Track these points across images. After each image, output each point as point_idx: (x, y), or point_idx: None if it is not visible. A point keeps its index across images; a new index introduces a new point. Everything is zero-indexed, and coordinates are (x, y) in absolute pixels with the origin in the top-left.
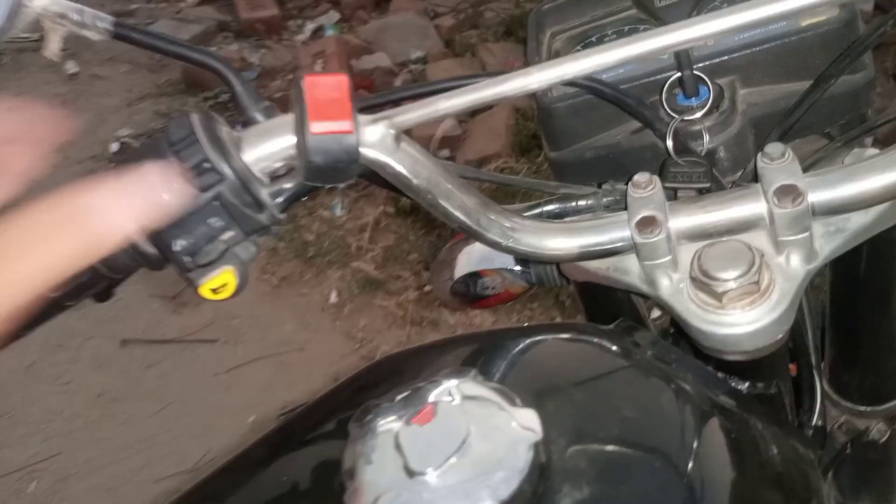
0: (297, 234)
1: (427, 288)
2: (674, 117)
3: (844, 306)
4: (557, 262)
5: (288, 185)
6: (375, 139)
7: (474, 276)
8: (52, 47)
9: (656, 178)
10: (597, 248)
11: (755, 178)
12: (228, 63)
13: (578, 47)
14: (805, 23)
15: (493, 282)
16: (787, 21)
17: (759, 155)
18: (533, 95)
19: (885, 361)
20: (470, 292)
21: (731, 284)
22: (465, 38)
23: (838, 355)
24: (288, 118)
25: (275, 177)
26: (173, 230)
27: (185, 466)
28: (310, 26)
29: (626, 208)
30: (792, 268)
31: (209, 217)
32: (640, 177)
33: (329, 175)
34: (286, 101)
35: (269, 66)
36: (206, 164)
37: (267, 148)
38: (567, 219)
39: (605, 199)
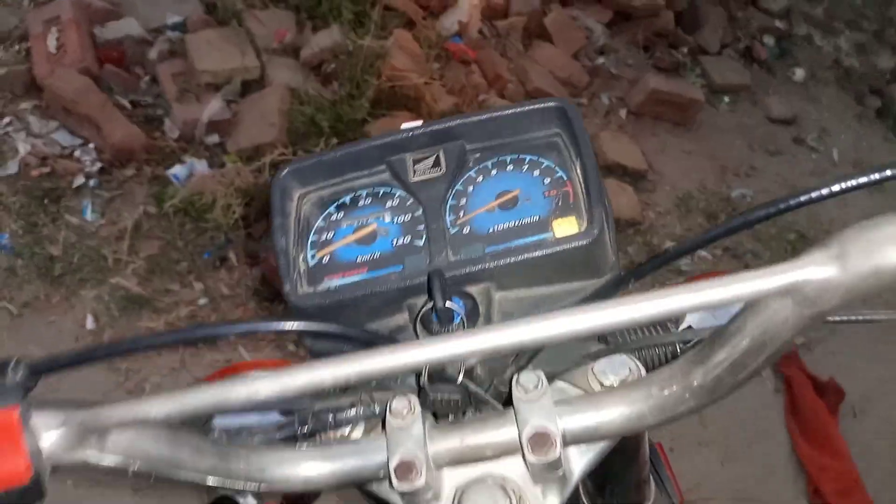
0: (40, 248)
1: (201, 301)
2: None
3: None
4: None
5: None
6: (62, 450)
7: None
8: None
9: (415, 404)
10: (354, 475)
11: (510, 397)
12: None
13: (331, 208)
14: (560, 235)
15: None
16: (541, 234)
17: (514, 382)
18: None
19: (626, 477)
20: None
21: None
22: (228, 2)
23: (591, 478)
24: None
25: None
26: None
27: None
28: None
29: (383, 427)
30: (549, 500)
31: None
32: (399, 403)
33: None
34: (14, 78)
35: None
36: None
37: None
38: (322, 441)
39: (362, 411)
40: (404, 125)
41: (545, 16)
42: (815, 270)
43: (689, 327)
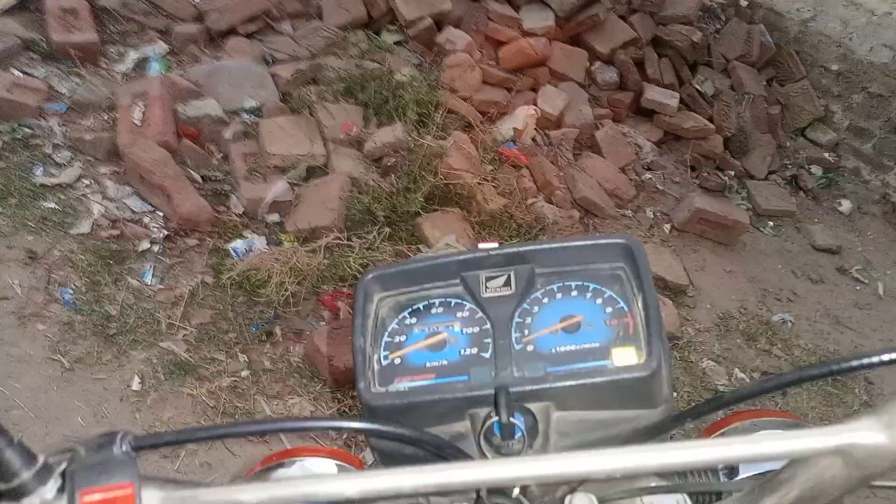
0: (98, 306)
1: (244, 373)
2: (490, 456)
3: None
4: None
5: None
6: None
7: None
8: None
9: None
10: None
11: None
12: None
13: (406, 313)
14: (619, 364)
15: None
16: (601, 360)
17: (566, 500)
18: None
19: None
20: None
21: None
22: (303, 93)
23: None
24: None
25: None
26: None
27: None
28: (133, 56)
29: None
30: None
31: None
32: None
33: None
34: (98, 144)
35: (82, 99)
36: None
37: None
38: None
39: None
40: (481, 245)
41: (597, 129)
42: (865, 435)
43: (738, 473)
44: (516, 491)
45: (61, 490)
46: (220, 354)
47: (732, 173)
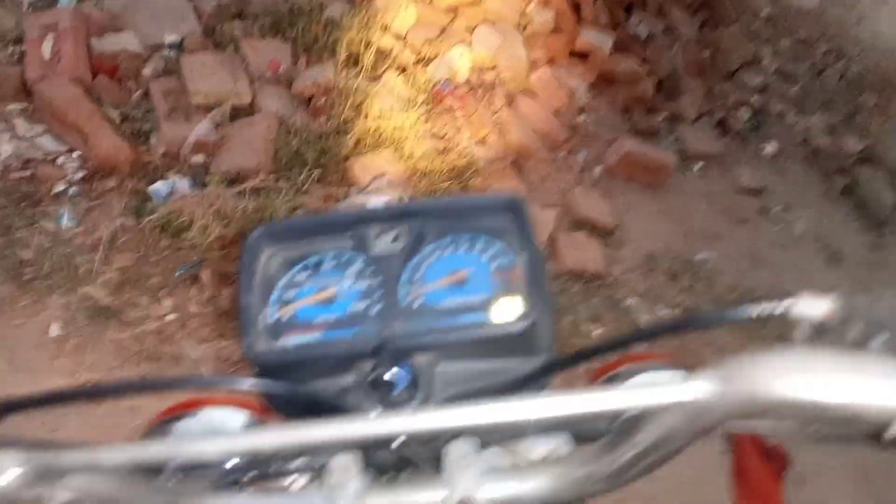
0: (11, 251)
1: (170, 317)
2: (375, 408)
3: None
4: None
5: None
6: (18, 490)
7: None
8: None
9: (355, 462)
10: None
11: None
12: None
13: (295, 269)
14: (501, 317)
15: None
16: (485, 313)
17: (448, 448)
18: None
19: None
20: None
21: None
22: (228, 27)
23: None
24: None
25: None
26: None
27: None
28: None
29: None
30: None
31: None
32: (339, 461)
33: None
34: (4, 80)
35: None
36: None
37: None
38: (265, 489)
39: (306, 464)
40: (372, 201)
41: (532, 72)
42: (700, 391)
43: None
44: (396, 442)
45: None
46: (144, 299)
47: (663, 116)
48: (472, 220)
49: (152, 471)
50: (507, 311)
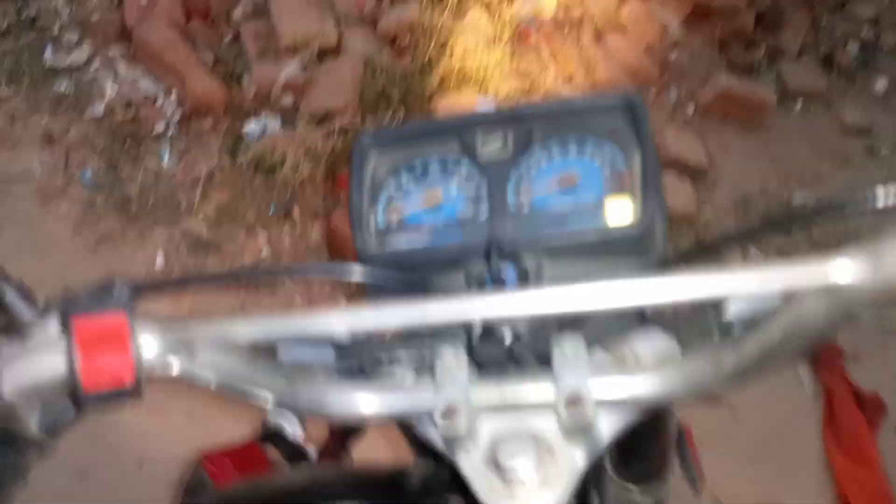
0: (118, 187)
1: (264, 251)
2: None
3: None
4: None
5: (57, 407)
6: (158, 358)
7: None
8: None
9: (462, 354)
10: (403, 414)
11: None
12: None
13: (402, 173)
14: (614, 221)
15: None
16: (596, 217)
17: (555, 344)
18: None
19: (651, 452)
20: None
21: (520, 475)
22: None
23: (617, 447)
24: (59, 342)
25: (44, 400)
26: None
27: None
28: None
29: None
30: (576, 459)
31: None
32: (448, 352)
33: (107, 406)
34: (106, 25)
35: None
36: None
37: (32, 379)
38: (376, 380)
39: (414, 356)
40: (479, 106)
41: (621, 6)
42: (848, 273)
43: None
44: (508, 340)
45: (62, 326)
46: (240, 233)
47: (763, 51)
48: (582, 122)
49: (272, 355)
50: (621, 213)
